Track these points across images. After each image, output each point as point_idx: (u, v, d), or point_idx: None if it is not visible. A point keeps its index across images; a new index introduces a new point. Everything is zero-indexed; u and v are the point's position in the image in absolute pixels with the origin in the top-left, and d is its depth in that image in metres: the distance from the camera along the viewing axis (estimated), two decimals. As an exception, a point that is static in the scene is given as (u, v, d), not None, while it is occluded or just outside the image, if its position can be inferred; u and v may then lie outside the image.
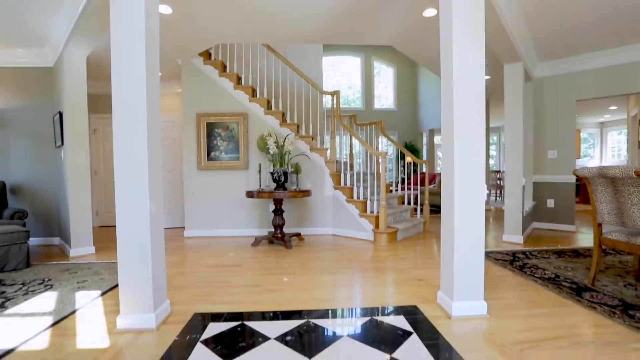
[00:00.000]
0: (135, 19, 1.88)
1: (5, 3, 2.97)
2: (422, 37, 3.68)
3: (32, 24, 3.41)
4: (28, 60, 4.20)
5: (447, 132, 2.04)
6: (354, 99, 11.08)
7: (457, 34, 1.95)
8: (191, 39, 3.75)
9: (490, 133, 9.60)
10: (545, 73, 4.71)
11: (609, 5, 3.01)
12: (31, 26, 3.46)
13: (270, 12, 3.13)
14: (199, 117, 4.46)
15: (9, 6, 3.01)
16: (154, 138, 1.91)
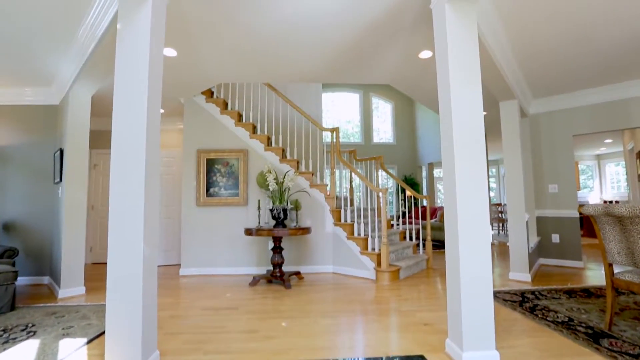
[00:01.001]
0: (140, 61, 1.93)
1: (18, 45, 3.08)
2: (418, 77, 3.80)
3: (42, 65, 3.53)
4: (34, 99, 4.30)
5: (448, 174, 2.02)
6: (353, 133, 11.28)
7: (454, 76, 2.00)
8: (194, 79, 3.86)
9: (489, 166, 9.67)
10: (540, 109, 4.82)
11: (596, 48, 3.13)
12: (41, 67, 3.57)
13: (271, 54, 3.25)
14: (199, 154, 4.48)
15: (21, 48, 3.13)
16: (151, 179, 1.88)
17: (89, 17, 2.76)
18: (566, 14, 2.57)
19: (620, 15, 2.58)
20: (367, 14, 2.56)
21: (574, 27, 2.76)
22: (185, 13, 2.56)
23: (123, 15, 1.98)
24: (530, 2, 2.42)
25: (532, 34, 2.86)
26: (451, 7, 2.03)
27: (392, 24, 2.71)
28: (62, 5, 2.56)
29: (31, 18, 2.70)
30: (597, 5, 2.44)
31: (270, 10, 2.50)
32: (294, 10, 2.52)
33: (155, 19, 2.03)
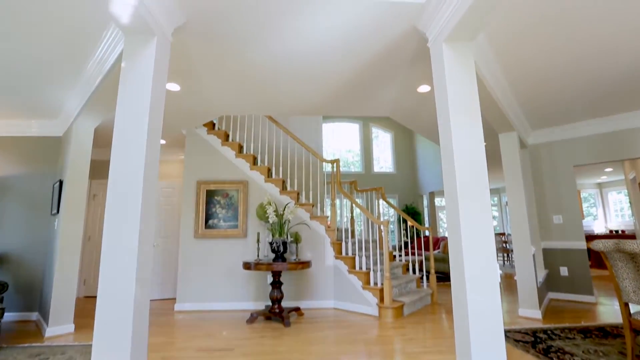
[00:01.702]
0: (141, 100, 1.95)
1: (29, 79, 3.15)
2: (417, 110, 3.85)
3: (49, 98, 3.60)
4: (39, 131, 4.35)
5: (452, 211, 1.97)
6: (353, 162, 11.34)
7: (454, 113, 2.02)
8: (197, 112, 3.92)
9: (490, 194, 9.61)
10: (540, 140, 4.85)
11: (591, 80, 3.18)
12: (48, 100, 3.64)
13: (272, 88, 3.31)
14: (199, 185, 4.46)
15: (31, 82, 3.20)
16: (147, 216, 1.84)
17: (97, 53, 2.83)
18: (559, 48, 2.63)
19: (614, 47, 2.63)
20: (366, 50, 2.63)
21: (568, 61, 2.82)
22: (188, 49, 2.63)
23: (128, 55, 2.03)
24: (523, 39, 2.49)
25: (526, 68, 2.92)
26: (448, 45, 2.08)
27: (391, 60, 2.78)
28: (73, 42, 2.64)
29: (43, 54, 2.78)
30: (589, 38, 2.50)
31: (272, 45, 2.57)
32: (294, 46, 2.59)
33: (159, 57, 2.08)
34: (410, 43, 2.51)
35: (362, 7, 2.12)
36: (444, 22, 2.01)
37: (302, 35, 2.44)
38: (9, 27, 2.42)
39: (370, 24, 2.29)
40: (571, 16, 2.23)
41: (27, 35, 2.52)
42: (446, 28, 2.00)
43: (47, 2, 2.18)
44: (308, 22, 2.28)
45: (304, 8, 2.14)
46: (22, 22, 2.37)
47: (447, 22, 1.98)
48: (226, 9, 2.15)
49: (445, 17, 1.98)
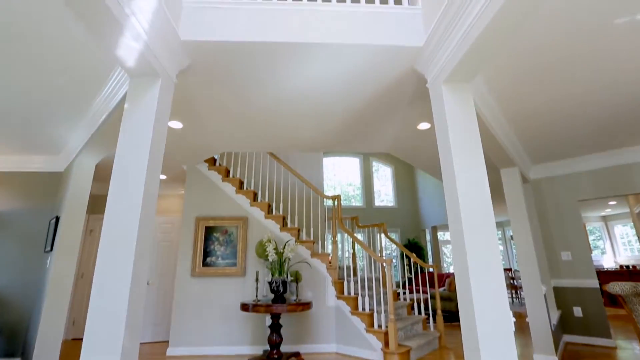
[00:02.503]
0: (143, 135, 1.95)
1: (35, 115, 3.19)
2: (417, 146, 3.87)
3: (53, 134, 3.63)
4: (41, 166, 4.36)
5: (458, 249, 1.89)
6: (354, 195, 11.29)
7: (455, 149, 2.00)
8: (198, 148, 3.94)
9: (494, 229, 9.44)
10: (541, 175, 4.83)
11: (590, 116, 3.21)
12: (52, 136, 3.67)
13: (273, 126, 3.35)
14: (197, 221, 4.38)
15: (37, 118, 3.24)
16: (141, 254, 1.76)
17: (103, 92, 2.90)
18: (555, 87, 2.67)
19: (613, 84, 2.65)
20: (366, 91, 2.68)
21: (565, 99, 2.86)
22: (192, 90, 2.68)
23: (131, 96, 2.05)
24: (519, 79, 2.54)
25: (524, 106, 2.96)
26: (447, 86, 2.11)
27: (391, 99, 2.82)
28: (80, 84, 2.71)
29: (50, 94, 2.84)
30: (586, 76, 2.54)
31: (273, 87, 2.62)
32: (295, 89, 2.65)
33: (162, 98, 2.10)
34: (410, 83, 2.57)
35: (361, 51, 2.19)
36: (441, 65, 2.05)
37: (303, 79, 2.50)
38: (17, 70, 2.49)
39: (369, 66, 2.34)
40: (566, 57, 2.29)
41: (35, 77, 2.59)
42: (444, 71, 2.04)
43: (56, 47, 2.26)
44: (309, 67, 2.34)
45: (306, 55, 2.21)
46: (31, 65, 2.44)
47: (445, 65, 2.02)
48: (229, 53, 2.21)
49: (442, 61, 2.02)
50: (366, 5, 2.16)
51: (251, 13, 2.13)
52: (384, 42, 2.11)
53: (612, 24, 2.02)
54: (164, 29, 1.96)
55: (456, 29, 1.83)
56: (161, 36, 1.96)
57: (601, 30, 2.05)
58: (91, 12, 1.52)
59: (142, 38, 1.81)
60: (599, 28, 2.04)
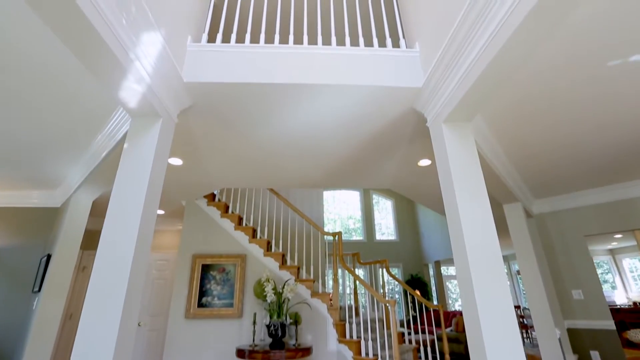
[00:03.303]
0: (141, 174, 1.93)
1: (38, 151, 3.19)
2: (418, 182, 3.84)
3: (53, 170, 3.62)
4: (39, 202, 4.31)
5: (466, 289, 1.79)
6: (355, 229, 11.12)
7: (458, 187, 1.97)
8: (198, 185, 3.91)
9: (499, 264, 9.19)
10: (544, 209, 4.76)
11: (590, 152, 3.21)
12: (52, 171, 3.66)
13: (273, 163, 3.33)
14: (194, 259, 4.24)
15: (40, 154, 3.24)
16: (133, 294, 1.67)
17: (104, 131, 2.92)
18: (554, 126, 2.69)
19: (612, 121, 2.65)
20: (366, 129, 2.70)
21: (565, 136, 2.87)
22: (192, 128, 2.69)
23: (132, 135, 2.05)
24: (518, 118, 2.57)
25: (524, 143, 2.97)
26: (447, 125, 2.11)
27: (391, 138, 2.83)
28: (81, 123, 2.73)
29: (51, 133, 2.86)
30: (585, 115, 2.56)
31: (274, 125, 2.64)
32: (296, 128, 2.66)
33: (163, 137, 2.10)
34: (409, 121, 2.58)
35: (361, 92, 2.22)
36: (440, 106, 2.07)
37: (303, 118, 2.52)
38: (21, 109, 2.52)
39: (369, 106, 2.37)
40: (565, 98, 2.32)
41: (38, 116, 2.62)
42: (444, 111, 2.05)
43: (59, 88, 2.30)
44: (309, 107, 2.37)
45: (306, 96, 2.24)
46: (34, 105, 2.47)
47: (444, 106, 2.04)
48: (231, 94, 2.24)
49: (441, 102, 2.04)
50: (365, 49, 2.22)
51: (253, 56, 2.19)
52: (383, 83, 2.15)
53: (607, 66, 2.07)
54: (168, 72, 1.99)
55: (454, 72, 1.86)
56: (164, 79, 1.99)
57: (597, 73, 2.09)
58: (94, 56, 1.55)
59: (145, 81, 1.83)
60: (595, 71, 2.08)
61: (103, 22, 1.45)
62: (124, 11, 1.57)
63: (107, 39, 1.47)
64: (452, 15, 1.81)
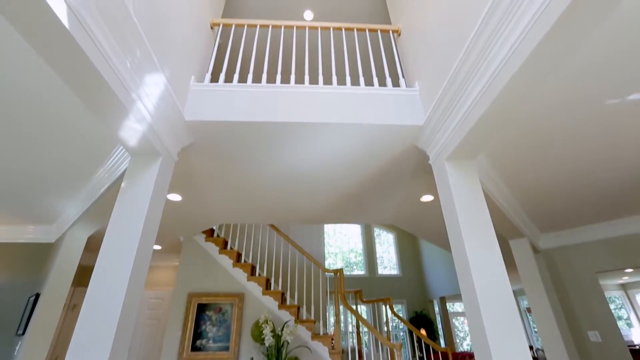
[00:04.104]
0: (138, 211, 1.88)
1: (37, 184, 3.14)
2: (421, 218, 3.77)
3: (51, 204, 3.56)
4: (33, 237, 4.20)
5: (477, 333, 1.66)
6: (356, 262, 10.83)
7: (464, 224, 1.91)
8: (197, 220, 3.84)
9: (507, 300, 8.82)
10: (552, 244, 4.63)
11: (595, 187, 3.16)
12: (51, 206, 3.59)
13: (274, 200, 3.29)
14: (190, 298, 4.06)
15: (38, 187, 3.19)
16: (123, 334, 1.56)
17: (103, 168, 2.90)
18: (557, 162, 2.67)
19: (616, 156, 2.62)
20: (367, 166, 2.67)
21: (567, 171, 2.84)
22: (192, 165, 2.67)
23: (130, 174, 2.02)
24: (521, 154, 2.55)
25: (528, 178, 2.93)
26: (450, 163, 2.08)
27: (393, 174, 2.80)
28: (81, 160, 2.72)
29: (50, 169, 2.84)
30: (587, 150, 2.54)
31: (275, 162, 2.62)
32: (296, 162, 2.64)
33: (162, 175, 2.07)
34: (411, 158, 2.57)
35: (362, 130, 2.21)
36: (442, 144, 2.05)
37: (304, 156, 2.51)
38: (20, 142, 2.50)
39: (370, 144, 2.36)
40: (566, 135, 2.32)
41: (38, 149, 2.60)
42: (446, 149, 2.04)
43: (60, 122, 2.30)
44: (310, 145, 2.36)
45: (307, 134, 2.24)
46: (33, 138, 2.47)
47: (446, 144, 2.02)
48: (233, 132, 2.24)
49: (443, 140, 2.03)
50: (366, 88, 2.25)
51: (255, 95, 2.21)
52: (384, 122, 2.15)
53: (605, 104, 2.08)
54: (169, 111, 2.00)
55: (454, 112, 1.86)
56: (166, 118, 1.99)
57: (597, 110, 2.10)
58: (95, 96, 1.53)
59: (147, 120, 1.83)
60: (594, 108, 2.09)
61: (107, 66, 1.46)
62: (129, 55, 1.59)
63: (110, 81, 1.48)
64: (450, 58, 1.85)
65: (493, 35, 1.48)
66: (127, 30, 1.53)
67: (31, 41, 1.25)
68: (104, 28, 1.42)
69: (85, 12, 1.31)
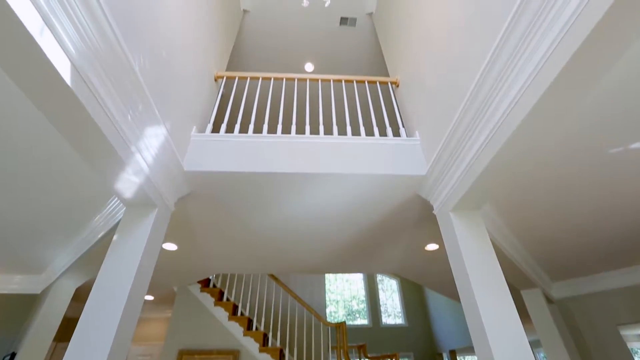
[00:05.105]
0: (130, 261, 1.79)
1: (21, 237, 3.04)
2: (427, 268, 3.61)
3: (42, 253, 3.42)
4: (18, 287, 3.98)
5: None
6: (359, 310, 10.28)
7: (473, 277, 1.80)
8: (193, 270, 3.67)
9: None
10: (566, 293, 4.38)
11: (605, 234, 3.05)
12: (41, 255, 3.45)
13: (273, 250, 3.16)
14: (180, 355, 3.75)
15: (32, 235, 3.07)
16: None
17: (97, 218, 2.83)
18: (563, 209, 2.59)
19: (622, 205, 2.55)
20: (369, 215, 2.60)
21: (576, 219, 2.75)
22: (189, 214, 2.60)
23: (123, 225, 1.94)
24: (526, 203, 2.49)
25: (534, 226, 2.84)
26: (456, 214, 2.01)
27: (396, 223, 2.72)
28: (74, 210, 2.65)
29: (43, 218, 2.75)
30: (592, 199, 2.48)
31: (275, 212, 2.55)
32: (297, 212, 2.57)
33: (157, 226, 1.99)
34: (414, 207, 2.50)
35: (363, 180, 2.18)
36: (446, 195, 2.00)
37: (304, 206, 2.45)
38: (13, 189, 2.44)
39: (371, 194, 2.31)
40: (571, 183, 2.28)
41: (30, 200, 2.54)
42: (450, 200, 1.98)
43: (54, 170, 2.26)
44: (310, 195, 2.32)
45: (308, 184, 2.20)
46: (26, 189, 2.42)
47: (450, 195, 1.97)
48: (232, 182, 2.20)
49: (447, 191, 1.98)
50: (366, 138, 2.25)
51: (256, 145, 2.21)
52: (385, 172, 2.12)
53: (609, 153, 2.06)
54: (169, 162, 1.98)
55: (456, 164, 1.84)
56: (164, 168, 1.96)
57: (600, 159, 2.08)
58: (92, 148, 1.49)
59: (144, 172, 1.79)
60: (598, 157, 2.07)
61: (107, 120, 1.46)
62: (131, 109, 1.60)
63: (108, 135, 1.46)
64: (450, 110, 1.86)
65: (491, 91, 1.49)
66: (131, 87, 1.55)
67: (30, 94, 1.23)
68: (108, 84, 1.43)
69: (90, 70, 1.32)
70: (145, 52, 1.66)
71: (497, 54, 1.41)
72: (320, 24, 3.78)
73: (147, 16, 1.68)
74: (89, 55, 1.30)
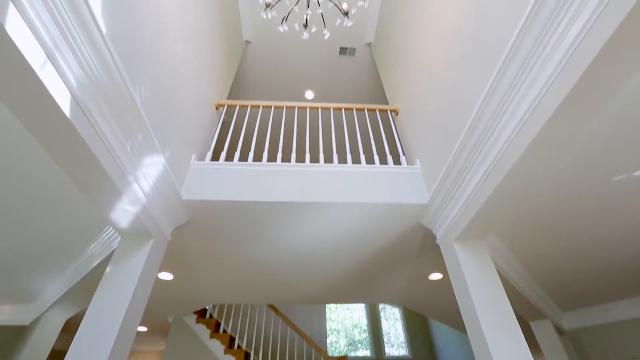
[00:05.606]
0: (122, 292, 1.72)
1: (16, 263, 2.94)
2: (431, 297, 3.49)
3: (33, 283, 3.31)
4: (6, 318, 3.82)
5: None
6: (360, 340, 9.88)
7: (479, 305, 1.73)
8: (188, 300, 3.55)
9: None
10: (577, 324, 4.20)
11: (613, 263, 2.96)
12: (33, 285, 3.34)
13: (272, 280, 3.07)
14: (172, 394, 3.55)
15: (18, 266, 2.98)
16: None
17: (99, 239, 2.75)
18: (570, 237, 2.53)
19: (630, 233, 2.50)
20: (370, 244, 2.53)
21: (585, 246, 2.67)
22: (186, 243, 2.53)
23: (118, 256, 1.88)
24: (531, 231, 2.43)
25: (540, 255, 2.76)
26: (460, 244, 1.95)
27: (398, 252, 2.65)
28: (68, 240, 2.59)
29: (35, 247, 2.68)
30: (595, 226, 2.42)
31: (274, 240, 2.49)
32: (296, 242, 2.50)
33: (152, 256, 1.93)
34: (416, 236, 2.44)
35: (363, 209, 2.14)
36: (449, 224, 1.96)
37: (304, 235, 2.40)
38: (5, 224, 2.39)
39: (373, 222, 2.26)
40: (574, 210, 2.23)
41: (24, 229, 2.49)
42: (453, 230, 1.93)
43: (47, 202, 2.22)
44: (310, 224, 2.27)
45: (307, 213, 2.16)
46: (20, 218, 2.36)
47: (453, 225, 1.93)
48: (231, 212, 2.16)
49: (449, 220, 1.94)
50: (367, 166, 2.23)
51: (255, 174, 2.18)
52: (385, 200, 2.08)
53: (612, 181, 2.03)
54: (166, 190, 1.95)
55: (457, 194, 1.81)
56: (162, 197, 1.93)
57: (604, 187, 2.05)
58: (88, 178, 1.46)
59: (141, 201, 1.76)
60: (601, 185, 2.04)
61: (106, 151, 1.44)
62: (130, 139, 1.59)
63: (106, 165, 1.44)
64: (450, 139, 1.85)
65: (492, 120, 1.48)
66: (131, 117, 1.55)
67: (27, 125, 1.22)
68: (107, 115, 1.43)
69: (90, 101, 1.32)
70: (146, 82, 1.67)
71: (496, 85, 1.41)
72: (321, 53, 3.87)
73: (149, 47, 1.70)
74: (89, 86, 1.30)
